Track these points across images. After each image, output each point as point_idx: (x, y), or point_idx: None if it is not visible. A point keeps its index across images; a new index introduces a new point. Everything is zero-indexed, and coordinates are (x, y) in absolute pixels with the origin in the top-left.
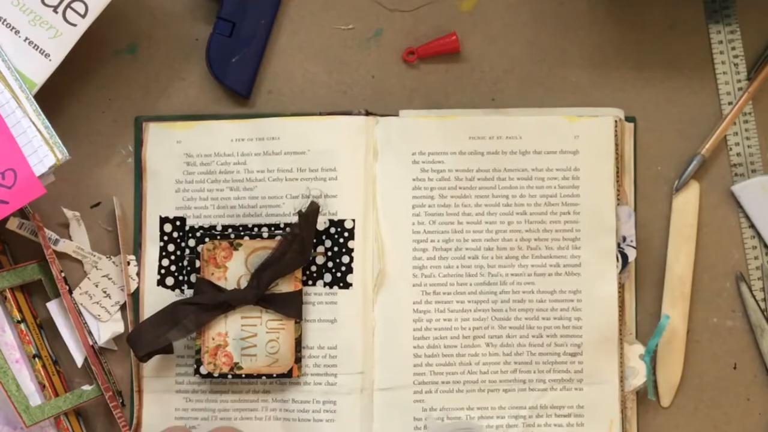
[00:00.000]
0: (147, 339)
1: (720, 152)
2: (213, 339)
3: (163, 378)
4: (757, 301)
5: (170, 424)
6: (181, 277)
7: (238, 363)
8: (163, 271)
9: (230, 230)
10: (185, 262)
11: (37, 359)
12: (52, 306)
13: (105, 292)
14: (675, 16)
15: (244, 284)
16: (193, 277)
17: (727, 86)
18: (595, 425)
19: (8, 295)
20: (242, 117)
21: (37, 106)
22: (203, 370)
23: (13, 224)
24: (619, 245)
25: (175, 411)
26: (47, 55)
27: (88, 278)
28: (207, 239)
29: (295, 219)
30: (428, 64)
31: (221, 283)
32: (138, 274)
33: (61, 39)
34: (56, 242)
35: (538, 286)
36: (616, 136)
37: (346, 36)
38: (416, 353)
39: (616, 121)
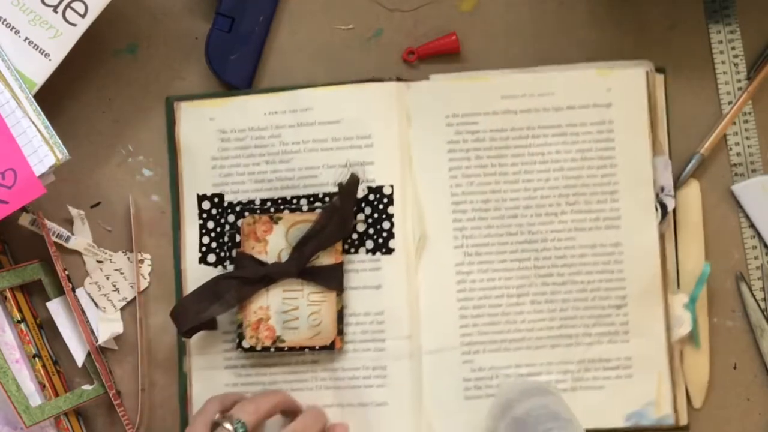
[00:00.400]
0: (189, 314)
1: (720, 152)
2: (255, 313)
3: (210, 355)
4: (757, 301)
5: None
6: (222, 254)
7: (280, 336)
8: (204, 248)
9: (269, 203)
10: (226, 238)
11: (37, 359)
12: (53, 306)
13: (114, 286)
14: (675, 16)
15: (284, 258)
16: (234, 253)
17: (727, 86)
18: (643, 376)
19: (8, 295)
20: (273, 90)
21: (37, 105)
22: (245, 343)
23: (25, 220)
24: (657, 195)
25: (225, 387)
26: (47, 55)
27: (100, 269)
28: (247, 214)
29: (333, 189)
30: (428, 64)
31: (262, 257)
32: (147, 272)
33: (61, 39)
34: (68, 239)
35: (579, 241)
36: (648, 86)
37: (346, 36)
38: (462, 314)
39: (647, 72)
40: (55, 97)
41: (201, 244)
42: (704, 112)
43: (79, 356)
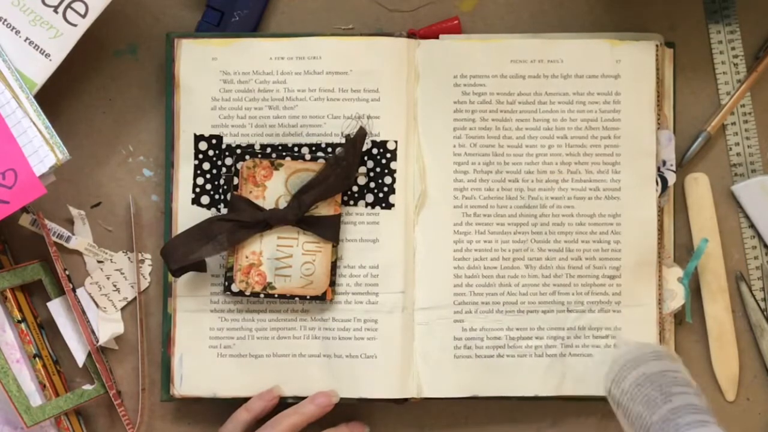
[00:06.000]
0: (180, 253)
1: (720, 152)
2: (247, 257)
3: (196, 297)
4: (757, 301)
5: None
6: (217, 196)
7: (271, 283)
8: (197, 189)
9: (269, 149)
10: (221, 181)
11: (37, 359)
12: (53, 306)
13: (115, 286)
14: (675, 16)
15: (282, 205)
16: (229, 196)
17: (727, 86)
18: None
19: (9, 295)
20: (281, 35)
21: (38, 106)
22: (234, 287)
23: (25, 220)
24: (658, 169)
25: (210, 330)
26: (47, 55)
27: (101, 269)
28: (248, 157)
29: (337, 139)
30: None
31: (259, 202)
32: (148, 272)
33: (61, 39)
34: (68, 239)
35: (578, 210)
36: (657, 60)
37: None
38: (456, 274)
39: (657, 46)
40: (55, 97)
41: (195, 185)
42: (704, 113)
43: (80, 356)
